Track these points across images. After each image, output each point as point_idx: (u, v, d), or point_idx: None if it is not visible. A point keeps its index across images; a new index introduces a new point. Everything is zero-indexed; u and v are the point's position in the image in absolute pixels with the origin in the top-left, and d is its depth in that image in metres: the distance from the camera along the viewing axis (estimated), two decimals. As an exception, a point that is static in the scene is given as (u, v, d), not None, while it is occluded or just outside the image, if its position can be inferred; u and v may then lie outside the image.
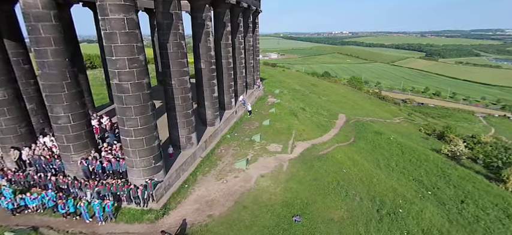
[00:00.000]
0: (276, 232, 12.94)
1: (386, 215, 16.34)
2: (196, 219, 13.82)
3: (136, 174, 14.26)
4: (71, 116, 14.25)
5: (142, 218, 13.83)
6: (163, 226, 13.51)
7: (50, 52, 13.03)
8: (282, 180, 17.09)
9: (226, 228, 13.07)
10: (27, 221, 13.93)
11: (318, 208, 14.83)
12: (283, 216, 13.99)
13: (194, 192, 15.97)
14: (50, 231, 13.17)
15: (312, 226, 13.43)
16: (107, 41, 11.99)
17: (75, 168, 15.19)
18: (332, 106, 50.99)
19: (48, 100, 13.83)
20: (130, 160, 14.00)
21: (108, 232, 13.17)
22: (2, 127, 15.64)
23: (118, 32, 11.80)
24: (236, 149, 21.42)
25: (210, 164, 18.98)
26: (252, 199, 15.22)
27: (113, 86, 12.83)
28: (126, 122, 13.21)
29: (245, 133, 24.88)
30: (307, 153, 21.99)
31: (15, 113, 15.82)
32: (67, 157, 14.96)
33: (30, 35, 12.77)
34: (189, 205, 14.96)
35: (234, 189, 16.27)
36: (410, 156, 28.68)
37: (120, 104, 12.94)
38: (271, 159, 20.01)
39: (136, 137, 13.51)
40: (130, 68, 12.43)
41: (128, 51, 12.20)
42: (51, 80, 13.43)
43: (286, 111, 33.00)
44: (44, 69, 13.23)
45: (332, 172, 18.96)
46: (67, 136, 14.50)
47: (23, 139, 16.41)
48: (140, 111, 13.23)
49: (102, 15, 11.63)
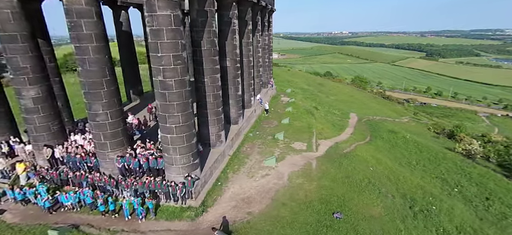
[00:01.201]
0: (318, 229, 12.94)
1: (419, 212, 16.38)
2: (237, 216, 13.80)
3: (176, 171, 14.21)
4: (109, 113, 14.21)
5: (182, 215, 13.80)
6: (204, 223, 13.51)
7: (91, 49, 12.97)
8: (314, 178, 17.10)
9: (268, 225, 13.06)
10: (65, 219, 13.87)
11: (355, 205, 14.85)
12: (323, 213, 14.00)
13: (228, 190, 15.95)
14: (91, 229, 13.11)
15: (353, 223, 13.45)
16: (153, 38, 11.95)
17: (111, 166, 15.13)
18: (342, 105, 51.09)
19: (87, 97, 13.77)
20: (170, 157, 13.95)
21: (150, 229, 13.13)
22: (35, 125, 15.57)
23: (165, 28, 11.77)
24: (261, 147, 21.41)
25: (239, 162, 18.96)
26: (288, 196, 15.22)
27: (156, 83, 12.78)
28: (169, 119, 13.17)
29: (266, 131, 24.87)
30: (332, 151, 22.04)
31: (48, 111, 15.76)
32: (103, 154, 14.90)
33: (72, 31, 12.71)
34: (225, 202, 14.94)
35: (267, 186, 16.27)
36: (428, 154, 28.76)
37: (163, 101, 12.90)
38: (298, 157, 20.03)
39: (177, 134, 13.47)
40: (175, 65, 12.39)
41: (173, 47, 12.17)
42: (91, 77, 13.38)
43: (302, 110, 33.05)
44: (85, 66, 13.18)
45: (361, 170, 18.99)
46: (104, 134, 14.45)
47: (55, 137, 16.35)
48: (182, 108, 13.20)
49: (150, 12, 11.59)
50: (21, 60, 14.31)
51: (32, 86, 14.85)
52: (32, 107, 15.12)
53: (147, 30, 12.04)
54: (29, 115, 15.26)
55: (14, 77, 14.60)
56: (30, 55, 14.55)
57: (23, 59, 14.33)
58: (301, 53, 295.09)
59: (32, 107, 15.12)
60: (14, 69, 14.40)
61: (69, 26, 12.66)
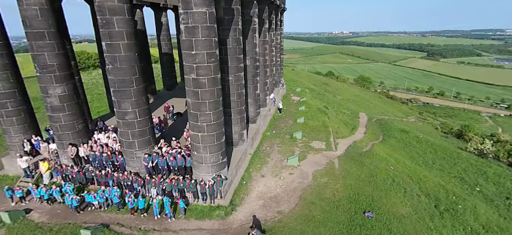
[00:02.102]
0: (352, 228, 12.87)
1: (445, 211, 16.33)
2: (267, 215, 13.71)
3: (205, 170, 14.11)
4: (137, 111, 14.09)
5: (212, 215, 13.70)
6: (235, 222, 13.41)
7: (122, 46, 12.86)
8: (338, 177, 17.02)
9: (301, 224, 12.98)
10: (93, 218, 13.75)
11: (384, 204, 14.78)
12: (354, 212, 13.93)
13: (254, 189, 15.86)
14: (122, 228, 13.00)
15: (386, 222, 13.38)
16: (188, 35, 11.84)
17: (138, 165, 15.01)
18: (349, 104, 51.07)
19: (117, 95, 13.65)
20: (199, 155, 13.85)
21: (181, 228, 13.03)
22: (61, 123, 15.43)
23: (200, 25, 11.65)
24: (280, 146, 21.32)
25: (260, 161, 18.87)
26: (316, 195, 15.14)
27: (187, 81, 12.67)
28: (200, 117, 13.06)
29: (283, 130, 24.78)
30: (351, 150, 21.97)
31: (73, 109, 15.63)
32: (131, 153, 14.78)
33: (103, 28, 12.59)
34: (253, 201, 14.85)
35: (293, 185, 16.18)
36: (443, 153, 28.74)
37: (195, 99, 12.79)
38: (319, 156, 19.95)
39: (208, 132, 13.37)
40: (208, 63, 12.29)
41: (208, 45, 12.06)
42: (121, 74, 13.26)
43: (315, 109, 32.98)
44: (115, 63, 13.06)
45: (383, 169, 18.92)
46: (132, 132, 14.33)
47: (80, 135, 16.21)
48: (214, 106, 13.10)
49: (185, 9, 11.48)
50: (48, 58, 14.17)
51: (58, 83, 14.71)
52: (57, 105, 14.98)
53: (181, 28, 11.92)
54: (55, 113, 15.12)
55: (41, 75, 14.46)
56: (57, 52, 14.41)
57: (50, 56, 14.19)
58: (301, 52, 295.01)
59: (58, 105, 14.98)
60: (40, 66, 14.26)
61: (100, 23, 12.53)
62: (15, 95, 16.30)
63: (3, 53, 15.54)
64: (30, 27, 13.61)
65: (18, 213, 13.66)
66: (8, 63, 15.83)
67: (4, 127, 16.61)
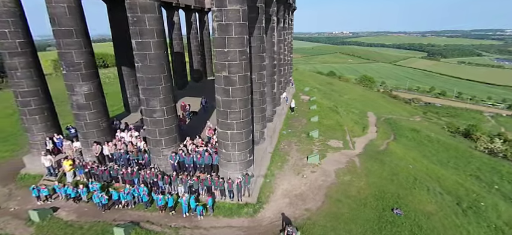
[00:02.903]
0: (382, 225, 12.91)
1: (468, 208, 16.36)
2: (295, 213, 13.74)
3: (233, 168, 14.13)
4: (165, 109, 14.10)
5: (241, 212, 13.71)
6: (264, 219, 13.43)
7: (152, 44, 12.86)
8: (361, 175, 17.07)
9: (330, 222, 13.01)
10: (122, 216, 13.74)
11: (410, 201, 14.82)
12: (382, 209, 13.98)
13: (279, 186, 15.87)
14: (152, 226, 13.00)
15: (414, 219, 13.43)
16: (221, 33, 11.86)
17: (164, 163, 15.02)
18: (357, 104, 51.18)
19: (145, 93, 13.65)
20: (228, 153, 13.87)
21: (211, 226, 13.05)
22: (86, 121, 15.42)
23: (233, 23, 11.68)
24: (298, 145, 21.35)
25: (280, 159, 18.88)
26: (341, 193, 15.18)
27: (218, 78, 12.69)
28: (230, 115, 13.08)
29: (298, 129, 24.81)
30: (368, 149, 22.03)
31: (98, 107, 15.63)
32: (158, 151, 14.78)
33: (134, 26, 12.59)
34: (279, 199, 14.87)
35: (317, 183, 16.21)
36: (455, 152, 28.84)
37: (226, 97, 12.81)
38: (338, 154, 19.98)
39: (237, 130, 13.40)
40: (240, 60, 12.32)
41: (240, 43, 12.08)
42: (150, 72, 13.26)
43: (326, 108, 33.06)
44: (145, 61, 13.06)
45: (404, 168, 18.98)
46: (160, 130, 14.34)
47: (104, 134, 16.20)
48: (244, 104, 13.13)
49: (219, 6, 11.50)
50: (75, 56, 14.16)
51: (84, 82, 14.70)
52: (83, 103, 14.97)
53: (214, 25, 11.94)
54: (81, 111, 15.11)
55: (67, 73, 14.44)
56: (84, 50, 14.41)
57: (77, 54, 14.18)
58: (302, 52, 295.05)
59: (84, 103, 14.97)
60: (67, 64, 14.25)
61: (131, 20, 12.53)
62: (38, 93, 16.32)
63: (27, 51, 15.55)
64: (58, 25, 13.60)
65: (46, 211, 13.64)
66: (32, 61, 15.84)
67: (27, 125, 16.60)
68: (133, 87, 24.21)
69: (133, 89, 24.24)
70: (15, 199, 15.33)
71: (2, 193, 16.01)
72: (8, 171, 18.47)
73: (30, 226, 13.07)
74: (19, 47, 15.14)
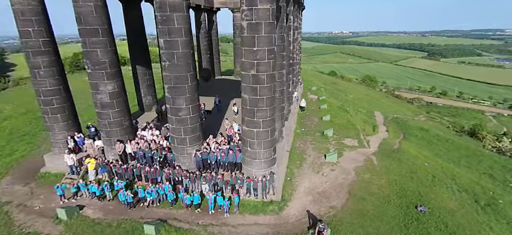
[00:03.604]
0: (408, 222, 13.05)
1: (486, 206, 16.54)
2: (320, 210, 13.86)
3: (258, 166, 14.23)
4: (191, 108, 14.19)
5: (266, 210, 13.83)
6: (290, 217, 13.55)
7: (180, 43, 12.95)
8: (380, 173, 17.21)
9: (357, 219, 13.14)
10: (149, 214, 13.83)
11: (433, 199, 14.97)
12: (406, 207, 14.12)
13: (300, 184, 15.99)
14: (180, 223, 13.10)
15: (439, 216, 13.57)
16: (250, 32, 11.96)
17: (188, 161, 15.10)
18: (363, 103, 51.38)
19: (172, 92, 13.74)
20: (253, 151, 13.96)
21: (239, 223, 13.14)
22: (109, 120, 15.49)
23: (263, 22, 11.78)
24: (314, 144, 21.47)
25: (298, 158, 19.01)
26: (364, 191, 15.31)
27: (245, 77, 12.78)
28: (257, 113, 13.18)
29: (311, 128, 24.94)
30: (383, 148, 22.18)
31: (121, 106, 15.71)
32: (182, 149, 14.87)
33: (162, 25, 12.68)
34: (302, 196, 14.99)
35: (338, 181, 16.34)
36: (466, 151, 29.02)
37: (253, 95, 12.90)
38: (354, 153, 20.12)
39: (264, 128, 13.49)
40: (268, 59, 12.41)
41: (268, 41, 12.18)
42: (178, 71, 13.35)
43: (336, 108, 33.23)
44: (173, 60, 13.15)
45: (421, 166, 19.15)
46: (185, 129, 14.43)
47: (126, 132, 16.28)
48: (271, 102, 13.23)
49: (249, 5, 11.59)
50: (101, 54, 14.23)
51: (109, 80, 14.78)
52: (108, 101, 15.04)
53: (244, 24, 12.03)
54: (105, 110, 15.18)
55: (92, 72, 14.51)
56: (109, 49, 14.48)
57: (102, 53, 14.26)
58: (303, 52, 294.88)
59: (108, 101, 15.04)
60: (93, 63, 14.32)
61: (159, 19, 12.62)
62: (60, 92, 16.39)
63: (50, 50, 15.61)
64: (85, 24, 13.66)
65: (73, 209, 13.70)
66: (54, 60, 15.91)
67: (49, 124, 16.66)
68: (147, 86, 24.29)
69: (147, 88, 24.33)
70: (38, 198, 15.37)
71: (24, 191, 16.07)
72: (27, 170, 18.54)
73: (58, 224, 13.13)
74: (42, 45, 15.20)
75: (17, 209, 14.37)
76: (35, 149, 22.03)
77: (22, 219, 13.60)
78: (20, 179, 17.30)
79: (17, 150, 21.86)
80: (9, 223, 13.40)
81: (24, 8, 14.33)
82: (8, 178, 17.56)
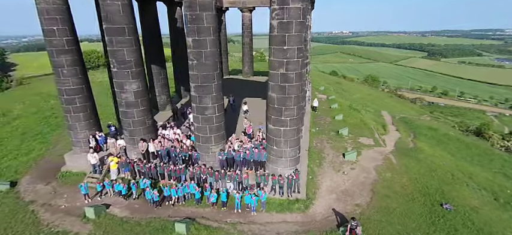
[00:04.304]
0: (435, 219, 13.15)
1: (506, 204, 16.61)
2: (346, 208, 13.94)
3: (284, 164, 14.31)
4: (216, 107, 14.25)
5: (292, 208, 13.90)
6: (317, 215, 13.63)
7: (208, 42, 13.02)
8: (401, 172, 17.31)
9: (385, 216, 13.23)
10: (176, 212, 13.88)
11: (456, 196, 15.07)
12: (431, 204, 14.21)
13: (322, 183, 16.07)
14: (209, 221, 13.15)
15: (464, 213, 13.68)
16: (280, 31, 12.02)
17: (212, 159, 15.16)
18: (369, 103, 51.51)
19: (198, 91, 13.79)
20: (279, 150, 14.03)
21: (266, 221, 13.21)
22: (133, 119, 15.52)
23: (294, 21, 11.85)
24: (330, 143, 21.55)
25: (317, 156, 19.08)
26: (387, 189, 15.40)
27: (275, 75, 12.84)
28: (285, 112, 13.25)
29: (325, 127, 25.02)
30: (399, 146, 22.28)
31: (145, 105, 15.73)
32: (206, 148, 14.93)
33: (192, 24, 12.73)
34: (326, 195, 15.06)
35: (359, 179, 16.43)
36: (476, 150, 29.18)
37: (282, 94, 12.97)
38: (372, 152, 20.20)
39: (291, 127, 13.57)
40: (297, 58, 12.49)
41: (298, 40, 12.26)
42: (205, 70, 13.41)
43: (346, 107, 33.35)
44: (201, 59, 13.21)
45: (439, 165, 19.25)
46: (210, 127, 14.49)
47: (149, 131, 16.32)
48: (298, 101, 13.31)
49: (281, 4, 11.66)
50: (126, 54, 14.26)
51: (134, 79, 14.80)
52: (132, 100, 15.07)
53: (274, 23, 12.10)
54: (129, 109, 15.20)
55: (118, 71, 14.53)
56: (134, 48, 14.51)
57: (128, 52, 14.28)
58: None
59: (133, 100, 15.07)
60: (118, 62, 14.34)
61: (189, 18, 12.67)
62: (82, 91, 16.42)
63: (73, 49, 15.64)
64: (112, 23, 13.68)
65: (100, 208, 13.73)
66: (77, 59, 15.93)
67: (70, 123, 16.67)
68: (162, 86, 24.34)
69: (162, 88, 24.38)
70: (62, 197, 15.39)
71: (46, 190, 16.09)
72: (46, 169, 18.56)
73: (86, 223, 13.17)
74: (66, 44, 15.23)
75: (42, 208, 14.40)
76: (51, 148, 22.03)
77: (49, 218, 13.63)
78: (41, 178, 17.32)
79: (33, 149, 21.86)
80: (37, 222, 13.43)
81: (49, 6, 14.35)
82: (27, 178, 17.59)
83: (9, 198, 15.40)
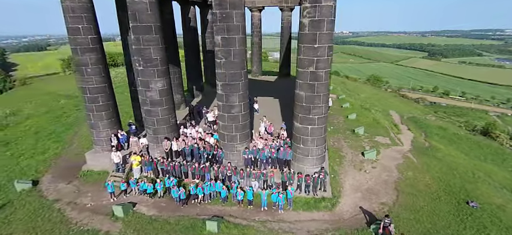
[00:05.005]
0: (463, 217, 13.18)
1: (528, 202, 16.71)
2: (372, 207, 13.96)
3: (310, 163, 14.33)
4: (243, 105, 14.27)
5: (319, 206, 13.92)
6: (345, 213, 13.65)
7: (237, 40, 13.03)
8: (422, 170, 17.34)
9: (413, 214, 13.26)
10: (203, 211, 13.90)
11: (480, 195, 15.10)
12: (457, 203, 14.25)
13: (345, 181, 16.08)
14: (237, 219, 13.17)
15: (491, 212, 13.70)
16: (312, 29, 12.05)
17: (237, 158, 15.17)
18: (376, 103, 51.60)
19: (226, 89, 13.80)
20: (306, 148, 14.06)
21: (295, 219, 13.24)
22: (158, 117, 15.52)
23: (326, 19, 11.87)
24: (347, 141, 21.56)
25: (336, 155, 19.07)
26: (411, 188, 15.43)
27: (304, 74, 12.86)
28: (313, 110, 13.27)
29: (340, 126, 25.03)
30: (416, 146, 22.31)
31: (169, 103, 15.75)
32: (231, 146, 14.93)
33: (221, 22, 12.74)
34: (350, 193, 15.08)
35: (382, 178, 16.45)
36: (488, 149, 29.26)
37: (310, 92, 12.99)
38: (390, 151, 20.22)
39: (318, 125, 13.60)
40: (327, 56, 12.52)
41: (329, 38, 12.29)
42: (233, 68, 13.42)
43: (358, 107, 33.38)
44: (229, 57, 13.22)
45: (458, 163, 19.30)
46: (236, 126, 14.50)
47: (172, 130, 16.32)
48: (326, 99, 13.35)
49: (313, 3, 11.68)
50: (153, 52, 14.26)
51: (159, 78, 14.81)
52: (157, 99, 15.07)
53: (305, 21, 12.12)
54: (154, 107, 15.20)
55: (144, 69, 14.53)
56: (161, 47, 14.52)
57: (154, 50, 14.28)
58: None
59: (158, 99, 15.07)
60: (145, 60, 14.33)
61: (219, 16, 12.67)
62: (105, 90, 16.41)
63: (97, 47, 15.63)
64: (139, 21, 13.68)
65: (128, 207, 13.73)
66: (101, 58, 15.93)
67: (93, 122, 16.66)
68: (177, 85, 24.30)
69: (177, 87, 24.33)
70: (86, 196, 15.38)
71: (69, 189, 16.07)
72: (65, 168, 18.54)
73: (115, 221, 13.15)
74: (90, 42, 15.22)
75: (68, 207, 14.39)
76: (66, 148, 22.00)
77: (77, 217, 13.62)
78: (62, 177, 17.30)
79: (49, 148, 21.83)
80: (65, 220, 13.41)
81: (75, 4, 14.34)
82: (48, 177, 17.56)
83: (32, 197, 15.38)
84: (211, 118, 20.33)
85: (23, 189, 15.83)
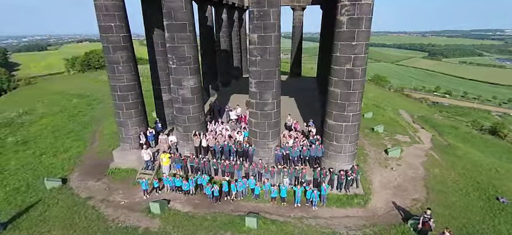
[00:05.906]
0: (496, 212, 13.34)
1: (552, 199, 16.89)
2: (405, 203, 14.12)
3: (342, 160, 14.46)
4: (275, 103, 14.37)
5: (352, 203, 14.07)
6: (378, 209, 13.80)
7: (273, 38, 13.13)
8: (448, 167, 17.53)
9: (447, 210, 13.43)
10: (237, 208, 14.01)
11: (507, 191, 15.24)
12: (486, 198, 14.42)
13: (374, 179, 16.25)
14: (272, 216, 13.29)
15: (522, 207, 13.89)
16: (350, 26, 12.18)
17: (268, 155, 15.28)
18: (384, 102, 51.80)
19: (260, 86, 13.90)
20: (339, 145, 14.18)
21: (330, 216, 13.37)
22: (189, 115, 15.62)
23: (365, 17, 12.01)
24: (368, 139, 21.75)
25: (360, 153, 19.17)
26: (440, 184, 15.61)
27: (340, 71, 12.97)
28: (348, 107, 13.40)
29: (357, 125, 25.20)
30: (436, 143, 22.49)
31: (200, 101, 15.86)
32: (263, 144, 15.04)
33: (258, 20, 12.84)
34: (381, 190, 15.23)
35: (409, 175, 16.63)
36: (502, 148, 29.46)
37: (346, 89, 13.12)
38: (412, 148, 20.43)
39: (353, 122, 13.73)
40: (365, 53, 12.65)
41: (367, 36, 12.43)
42: (268, 66, 13.52)
43: (371, 105, 33.56)
44: (265, 55, 13.32)
45: (481, 161, 19.47)
46: (269, 123, 14.60)
47: (202, 127, 16.44)
48: (361, 96, 13.48)
49: (353, 0, 11.80)
50: (187, 50, 14.37)
51: (191, 76, 14.91)
52: (189, 97, 15.17)
53: (343, 19, 12.23)
54: (185, 105, 15.31)
55: (177, 67, 14.63)
56: (194, 45, 14.63)
57: (188, 48, 14.39)
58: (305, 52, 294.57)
59: (189, 97, 15.18)
60: (178, 58, 14.44)
61: (256, 14, 12.78)
62: (135, 88, 16.50)
63: (128, 45, 15.72)
64: (174, 19, 13.79)
65: (164, 203, 13.83)
66: (131, 56, 16.01)
67: (122, 119, 16.74)
68: (196, 84, 24.39)
69: (196, 85, 24.43)
70: (118, 193, 15.47)
71: (99, 187, 16.15)
72: (91, 166, 18.63)
73: (152, 218, 13.24)
74: (122, 41, 15.31)
75: (102, 204, 14.47)
76: (89, 146, 22.09)
77: (113, 214, 13.70)
78: (89, 175, 17.38)
79: (70, 147, 21.90)
80: (101, 217, 13.49)
81: (108, 2, 14.42)
82: (75, 175, 17.64)
83: (64, 195, 15.45)
84: (234, 116, 20.48)
85: (53, 186, 15.90)
